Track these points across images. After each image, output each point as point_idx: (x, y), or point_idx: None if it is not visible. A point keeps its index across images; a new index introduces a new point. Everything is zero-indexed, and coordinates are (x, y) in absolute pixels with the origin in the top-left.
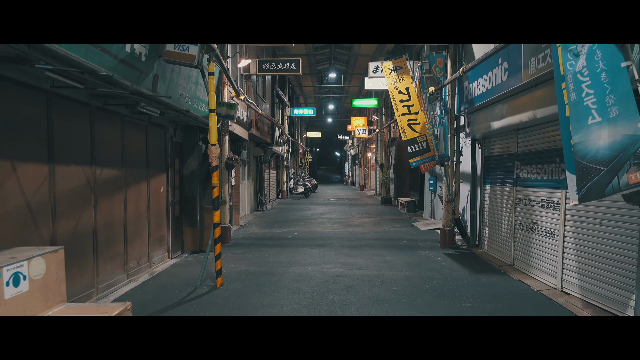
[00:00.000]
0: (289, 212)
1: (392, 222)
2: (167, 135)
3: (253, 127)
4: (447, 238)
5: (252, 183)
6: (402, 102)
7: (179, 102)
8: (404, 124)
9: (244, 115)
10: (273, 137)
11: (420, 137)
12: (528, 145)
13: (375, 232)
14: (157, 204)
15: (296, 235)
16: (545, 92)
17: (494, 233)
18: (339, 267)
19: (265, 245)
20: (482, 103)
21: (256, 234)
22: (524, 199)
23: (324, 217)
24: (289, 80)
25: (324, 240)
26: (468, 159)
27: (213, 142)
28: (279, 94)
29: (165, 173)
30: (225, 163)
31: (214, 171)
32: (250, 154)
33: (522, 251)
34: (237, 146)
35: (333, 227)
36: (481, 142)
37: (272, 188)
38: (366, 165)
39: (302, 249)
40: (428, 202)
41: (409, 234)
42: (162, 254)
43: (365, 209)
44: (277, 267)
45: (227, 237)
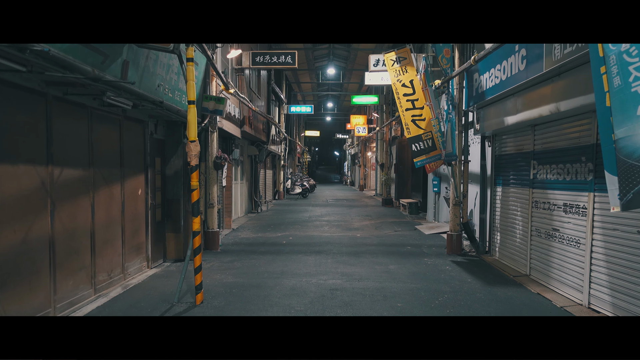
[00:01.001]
0: (285, 214)
1: (394, 225)
2: (147, 131)
3: (246, 124)
4: (454, 244)
5: (246, 184)
6: (405, 96)
7: (156, 93)
8: (408, 120)
9: (235, 111)
10: (269, 136)
11: (426, 134)
12: (547, 143)
13: (376, 236)
14: (134, 208)
15: (291, 240)
16: (571, 81)
17: (507, 239)
18: (337, 279)
19: (257, 252)
20: (494, 97)
21: (248, 239)
22: (543, 203)
23: (321, 220)
24: (286, 77)
25: (321, 246)
26: (477, 158)
27: (192, 139)
28: (275, 90)
29: (144, 173)
30: (213, 162)
31: (193, 171)
32: (244, 153)
33: (539, 260)
34: (229, 144)
35: (331, 231)
36: (491, 140)
37: (268, 189)
38: (366, 165)
39: (297, 257)
40: (431, 204)
41: (412, 239)
42: (140, 264)
43: (365, 210)
44: (268, 278)
45: (215, 243)
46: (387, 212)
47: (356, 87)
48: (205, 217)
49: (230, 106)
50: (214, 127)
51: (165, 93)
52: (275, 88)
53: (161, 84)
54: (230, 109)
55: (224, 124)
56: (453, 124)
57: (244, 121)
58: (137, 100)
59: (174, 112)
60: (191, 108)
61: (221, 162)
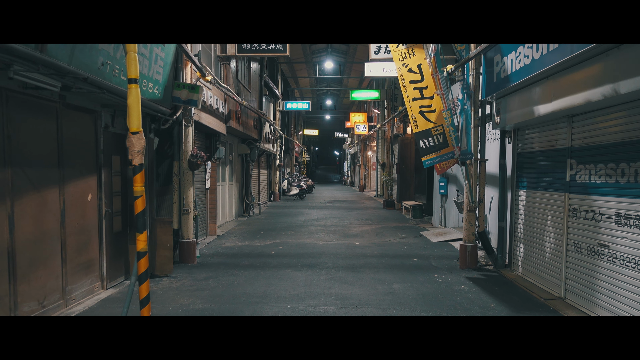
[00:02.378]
0: (279, 217)
1: (397, 231)
2: (99, 123)
3: (232, 119)
4: (469, 257)
5: (237, 185)
6: (412, 83)
7: (100, 74)
8: (415, 112)
9: (219, 104)
10: (261, 133)
11: (436, 129)
12: (591, 137)
13: (377, 244)
14: (81, 217)
15: (281, 250)
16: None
17: (532, 252)
18: (330, 304)
19: (238, 266)
20: (522, 82)
21: (232, 249)
22: (584, 211)
23: (317, 224)
24: (282, 71)
25: (315, 257)
26: (495, 157)
27: (133, 129)
28: (269, 84)
29: (97, 175)
30: (188, 162)
31: (136, 173)
32: (233, 152)
33: (579, 281)
34: (213, 142)
35: (327, 238)
36: (513, 136)
37: (262, 190)
38: (366, 165)
39: (285, 272)
40: (437, 207)
41: (418, 248)
42: (91, 285)
43: (365, 213)
44: (245, 304)
45: (190, 255)
46: (389, 215)
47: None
48: (179, 226)
49: (212, 98)
50: (189, 121)
51: (116, 75)
52: (269, 82)
53: (107, 63)
54: (211, 100)
55: (202, 118)
56: (468, 116)
57: (229, 116)
58: (70, 81)
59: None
60: (132, 89)
61: (197, 161)
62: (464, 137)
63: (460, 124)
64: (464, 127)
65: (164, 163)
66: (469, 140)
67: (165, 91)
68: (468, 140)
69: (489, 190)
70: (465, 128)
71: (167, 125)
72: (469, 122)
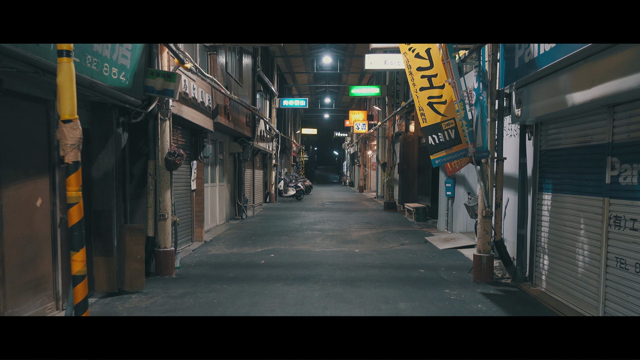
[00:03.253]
0: (274, 220)
1: (400, 236)
2: (52, 115)
3: (221, 114)
4: (484, 269)
5: (228, 186)
6: (420, 70)
7: (40, 51)
8: (423, 103)
9: (205, 98)
10: (254, 131)
11: (447, 123)
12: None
13: (379, 252)
14: (28, 225)
15: (272, 259)
16: None
17: (560, 265)
18: None
19: (222, 279)
20: (552, 65)
21: (218, 257)
22: (633, 220)
23: (314, 228)
24: (278, 67)
25: (309, 267)
26: (513, 155)
27: (65, 117)
28: (264, 80)
29: (49, 175)
30: (164, 160)
31: (71, 173)
32: (224, 150)
33: (623, 304)
34: (199, 139)
35: (324, 244)
36: (535, 130)
37: (257, 191)
38: (366, 165)
39: (274, 287)
40: (443, 210)
41: (424, 256)
42: (42, 306)
43: (366, 216)
44: None
45: (168, 266)
46: (391, 218)
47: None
48: (154, 233)
49: (196, 90)
50: (166, 114)
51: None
52: (264, 77)
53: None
54: (195, 93)
55: (184, 112)
56: (484, 108)
57: (217, 111)
58: None
59: (97, 90)
60: (63, 64)
61: (175, 160)
62: (480, 132)
63: (475, 117)
64: (480, 121)
65: (138, 162)
66: (485, 135)
67: (135, 79)
68: (484, 136)
69: (505, 193)
70: (481, 122)
71: (139, 118)
72: (485, 115)
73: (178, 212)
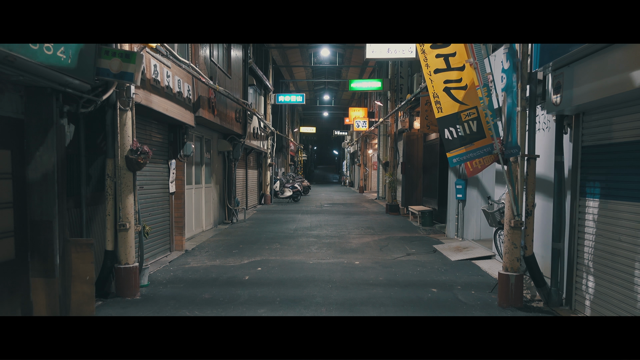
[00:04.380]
0: (266, 225)
1: (405, 244)
2: None
3: (204, 108)
4: (512, 291)
5: (217, 187)
6: (435, 48)
7: None
8: (439, 89)
9: (183, 88)
10: (245, 127)
11: (467, 113)
12: None
13: (382, 264)
14: None
15: (259, 273)
16: None
17: (611, 288)
18: None
19: (194, 302)
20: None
21: (197, 271)
22: None
23: (310, 234)
24: (273, 60)
25: (301, 286)
26: (547, 153)
27: None
28: (257, 73)
29: None
30: (125, 159)
31: None
32: (212, 149)
33: None
34: (178, 135)
35: (320, 255)
36: (575, 122)
37: (250, 192)
38: (366, 164)
39: (256, 314)
40: (453, 214)
41: (435, 270)
42: None
43: (366, 219)
44: None
45: (130, 286)
46: (394, 222)
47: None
48: (114, 247)
49: (171, 78)
50: (127, 103)
51: None
52: (257, 70)
53: None
54: (170, 81)
55: (153, 101)
56: (514, 94)
57: (200, 104)
58: None
59: (18, 67)
60: None
61: (137, 158)
62: (509, 124)
63: (504, 105)
64: (510, 110)
65: (96, 161)
66: (515, 128)
67: (82, 58)
68: (514, 129)
69: (538, 200)
70: (512, 112)
71: (90, 108)
72: (516, 103)
73: (152, 219)
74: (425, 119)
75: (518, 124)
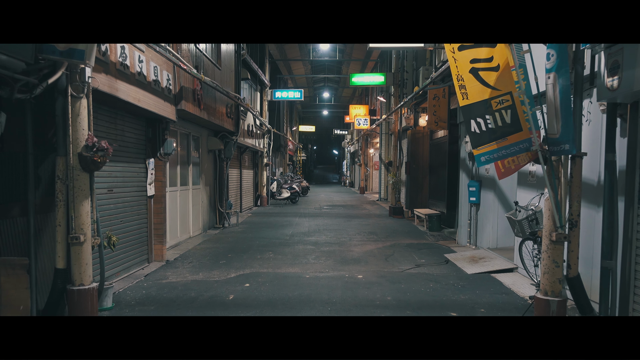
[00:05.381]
0: (260, 230)
1: (413, 252)
2: None
3: (188, 100)
4: None
5: (207, 189)
6: None
7: None
8: (464, 70)
9: (161, 77)
10: (238, 124)
11: (500, 100)
12: None
13: (389, 278)
14: None
15: (246, 291)
16: None
17: None
18: None
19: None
20: None
21: (175, 288)
22: None
23: (307, 241)
24: (270, 54)
25: (294, 309)
26: (595, 150)
27: None
28: (251, 66)
29: None
30: (78, 157)
31: None
32: (200, 147)
33: None
34: (158, 131)
35: (318, 266)
36: (631, 113)
37: (245, 193)
38: (367, 164)
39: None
40: (465, 219)
41: (450, 286)
42: None
43: (369, 223)
44: None
45: (85, 312)
46: (398, 226)
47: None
48: (66, 264)
49: (145, 64)
50: (81, 89)
51: None
52: (251, 63)
53: None
54: (143, 67)
55: (121, 89)
56: (564, 74)
57: (182, 95)
58: None
59: None
60: None
61: (94, 156)
62: (557, 113)
63: (559, 89)
64: (557, 96)
65: (47, 160)
66: (569, 118)
67: None
68: (566, 119)
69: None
70: (560, 97)
71: (31, 93)
72: (567, 86)
73: (124, 227)
74: (433, 115)
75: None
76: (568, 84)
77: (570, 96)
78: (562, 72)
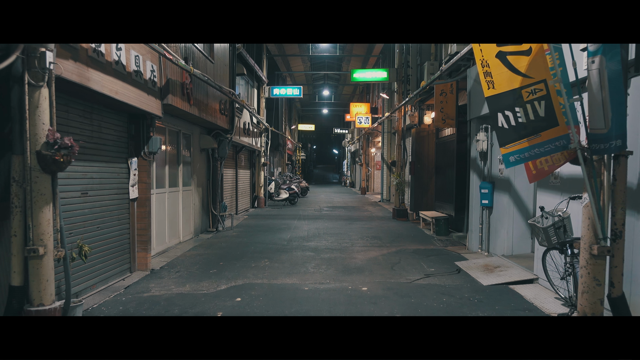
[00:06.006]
0: (256, 234)
1: (421, 259)
2: None
3: (175, 94)
4: None
5: (199, 190)
6: None
7: None
8: (489, 55)
9: (144, 67)
10: (232, 121)
11: (533, 89)
12: None
13: (397, 292)
14: None
15: (237, 305)
16: None
17: None
18: None
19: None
20: None
21: (157, 303)
22: None
23: (306, 246)
24: (268, 49)
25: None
26: (636, 149)
27: None
28: (248, 61)
29: None
30: (37, 156)
31: None
32: (192, 146)
33: None
34: (142, 128)
35: (317, 276)
36: None
37: (242, 195)
38: (369, 164)
39: None
40: (476, 224)
41: (465, 300)
42: None
43: (372, 227)
44: None
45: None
46: (403, 230)
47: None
48: (23, 280)
49: (123, 52)
50: (41, 77)
51: None
52: (247, 58)
53: None
54: (120, 55)
55: (93, 79)
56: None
57: (169, 88)
58: None
59: None
60: None
61: (55, 155)
62: (602, 103)
63: (607, 74)
64: (601, 82)
65: (2, 159)
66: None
67: None
68: (617, 111)
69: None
70: (608, 83)
71: None
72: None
73: (101, 234)
74: (440, 112)
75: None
76: (619, 68)
77: (622, 83)
78: (612, 55)
